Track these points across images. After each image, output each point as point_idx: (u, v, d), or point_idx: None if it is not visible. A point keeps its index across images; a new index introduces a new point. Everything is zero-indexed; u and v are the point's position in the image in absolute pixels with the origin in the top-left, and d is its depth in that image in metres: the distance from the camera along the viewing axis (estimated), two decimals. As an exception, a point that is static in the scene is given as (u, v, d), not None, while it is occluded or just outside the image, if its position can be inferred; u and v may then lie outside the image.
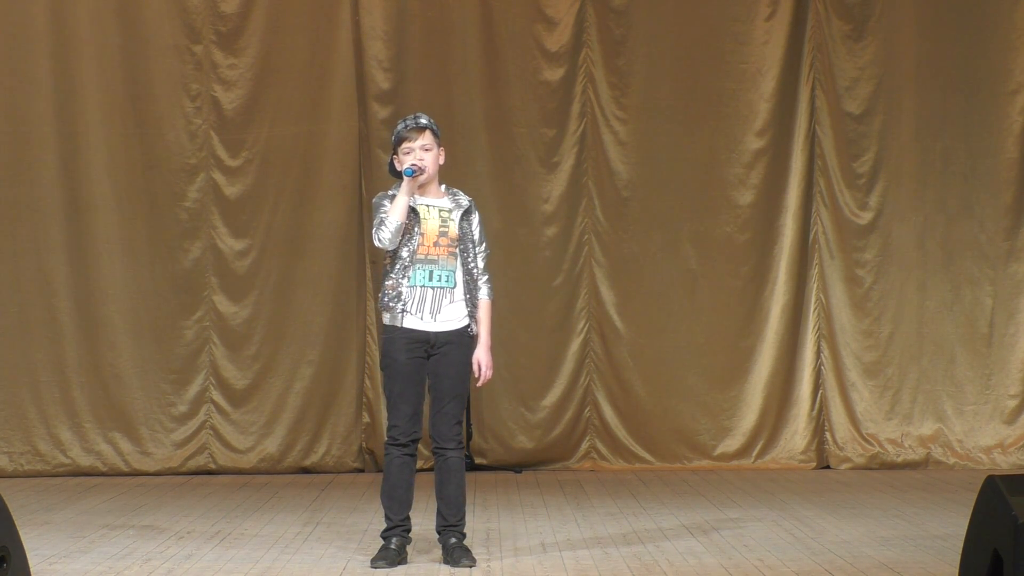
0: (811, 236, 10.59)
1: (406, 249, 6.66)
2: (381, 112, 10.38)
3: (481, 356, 6.74)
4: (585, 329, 10.54)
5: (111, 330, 10.32)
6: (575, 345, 10.54)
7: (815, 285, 10.58)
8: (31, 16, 10.28)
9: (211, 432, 10.36)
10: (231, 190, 10.41)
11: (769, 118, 10.54)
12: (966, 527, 5.51)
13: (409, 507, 6.75)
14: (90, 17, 10.31)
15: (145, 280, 10.35)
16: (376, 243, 6.66)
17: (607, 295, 10.55)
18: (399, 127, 6.78)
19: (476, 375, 6.75)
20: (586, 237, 10.56)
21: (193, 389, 10.38)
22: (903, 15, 10.51)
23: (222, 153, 10.40)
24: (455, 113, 10.44)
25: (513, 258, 10.47)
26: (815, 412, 10.53)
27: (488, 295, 6.78)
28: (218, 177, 10.39)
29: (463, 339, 6.71)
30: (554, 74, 10.52)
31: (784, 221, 10.57)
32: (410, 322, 6.67)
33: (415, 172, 6.62)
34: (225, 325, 10.39)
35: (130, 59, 10.34)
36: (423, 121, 6.76)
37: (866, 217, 10.55)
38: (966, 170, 10.51)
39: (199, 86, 10.38)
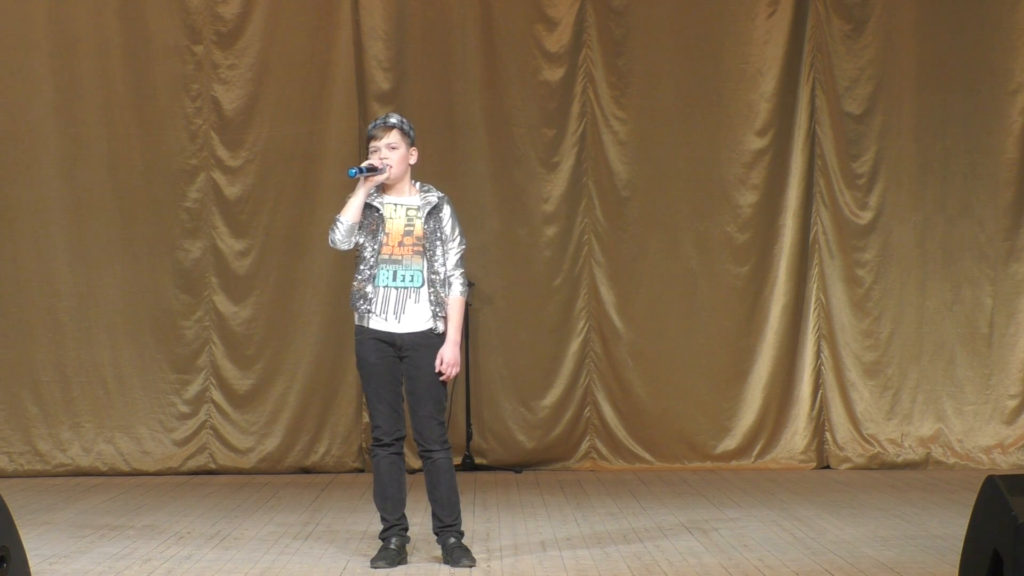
0: (811, 236, 10.59)
1: (370, 250, 6.64)
2: (381, 112, 10.33)
3: (446, 353, 6.63)
4: (585, 329, 10.54)
5: (111, 330, 10.33)
6: (575, 345, 10.54)
7: (815, 285, 10.58)
8: (31, 16, 10.28)
9: (211, 432, 10.36)
10: (231, 190, 10.41)
11: (769, 118, 10.54)
12: (966, 527, 5.51)
13: (403, 505, 6.74)
14: (90, 17, 10.32)
15: (145, 280, 10.36)
16: (329, 243, 6.63)
17: (607, 295, 10.55)
18: (369, 127, 6.78)
19: (439, 370, 6.63)
20: (586, 237, 10.56)
21: (193, 389, 10.38)
22: (903, 15, 10.51)
23: (222, 153, 10.40)
24: (455, 113, 10.44)
25: (513, 258, 10.48)
26: (815, 412, 10.53)
27: (460, 292, 6.68)
28: (218, 177, 10.40)
29: (430, 340, 6.64)
30: (554, 74, 10.52)
31: (784, 221, 10.57)
32: (376, 323, 6.64)
33: (359, 172, 6.59)
34: (225, 325, 10.39)
35: (130, 59, 10.34)
36: (392, 120, 6.73)
37: (866, 217, 10.55)
38: (966, 170, 10.51)
39: (199, 86, 10.39)
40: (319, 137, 10.42)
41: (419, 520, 7.28)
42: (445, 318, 6.66)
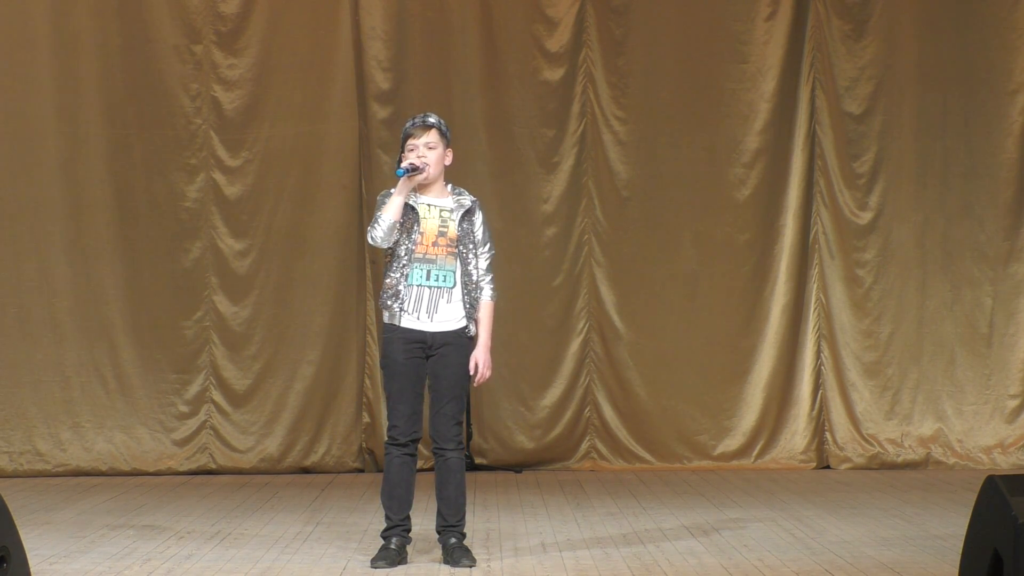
0: (811, 236, 10.59)
1: (404, 248, 6.67)
2: (381, 112, 10.38)
3: (480, 356, 6.73)
4: (585, 329, 10.54)
5: (111, 330, 10.33)
6: (575, 345, 10.54)
7: (815, 285, 10.58)
8: (31, 16, 10.28)
9: (211, 432, 10.36)
10: (231, 190, 10.41)
11: (769, 118, 10.54)
12: (966, 527, 5.51)
13: (409, 507, 6.76)
14: (90, 17, 10.31)
15: (145, 280, 10.36)
16: (369, 240, 6.67)
17: (607, 295, 10.55)
18: (407, 124, 6.78)
19: (473, 374, 6.74)
20: (586, 237, 10.56)
21: (193, 389, 10.38)
22: (903, 15, 10.51)
23: (222, 153, 10.40)
24: (455, 113, 10.43)
25: (513, 258, 10.47)
26: (815, 412, 10.53)
27: (491, 296, 6.77)
28: (218, 177, 10.40)
29: (461, 340, 6.71)
30: (554, 74, 10.52)
31: (784, 221, 10.57)
32: (407, 321, 6.67)
33: (407, 172, 6.62)
34: (225, 325, 10.39)
35: (130, 59, 10.34)
36: (431, 120, 6.75)
37: (866, 217, 10.55)
38: (966, 170, 10.51)
39: (199, 86, 10.39)
40: (319, 137, 10.42)
41: (420, 520, 7.27)
42: (476, 320, 6.71)
